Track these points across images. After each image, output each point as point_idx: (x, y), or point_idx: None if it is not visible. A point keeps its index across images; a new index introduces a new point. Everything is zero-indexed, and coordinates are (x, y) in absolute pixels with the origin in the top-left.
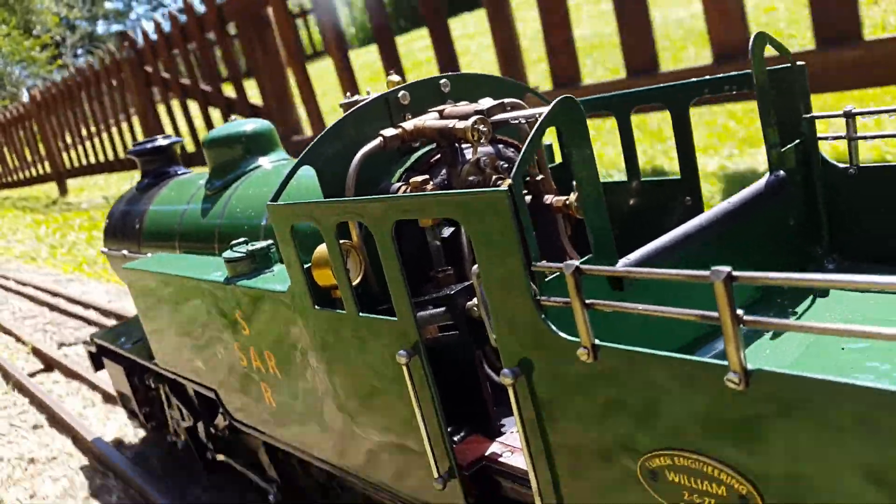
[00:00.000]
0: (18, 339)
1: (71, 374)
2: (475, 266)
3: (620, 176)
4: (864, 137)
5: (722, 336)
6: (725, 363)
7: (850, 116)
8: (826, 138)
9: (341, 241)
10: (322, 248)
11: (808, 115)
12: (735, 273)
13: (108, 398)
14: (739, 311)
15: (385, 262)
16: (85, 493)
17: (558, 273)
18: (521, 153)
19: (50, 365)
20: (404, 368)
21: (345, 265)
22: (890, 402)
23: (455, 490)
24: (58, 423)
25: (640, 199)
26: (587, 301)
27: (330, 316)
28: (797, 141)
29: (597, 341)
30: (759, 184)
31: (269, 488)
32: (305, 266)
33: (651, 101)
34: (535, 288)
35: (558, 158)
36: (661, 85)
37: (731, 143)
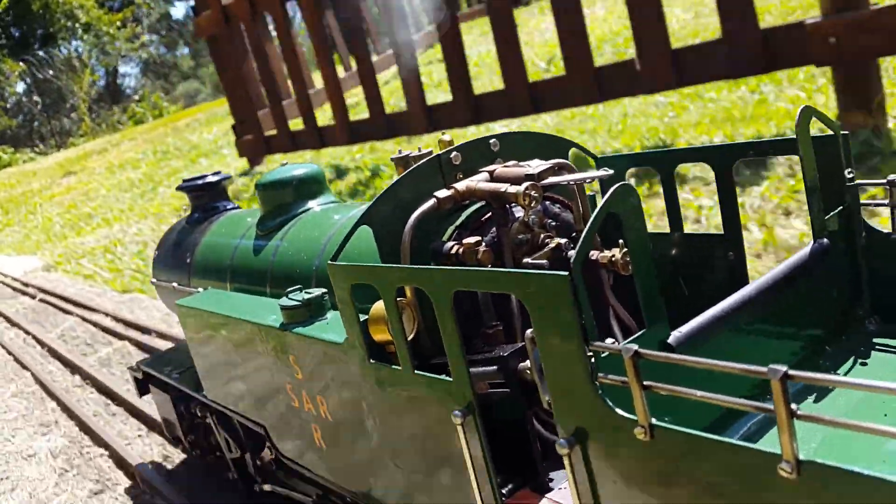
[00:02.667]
0: None
1: None
2: (529, 331)
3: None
4: None
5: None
6: (779, 452)
7: (893, 185)
8: (869, 205)
9: (397, 299)
10: (379, 305)
11: (852, 183)
12: (791, 372)
13: None
14: (794, 406)
15: (443, 328)
16: None
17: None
18: (582, 240)
19: None
20: (459, 428)
21: (401, 324)
22: None
23: None
24: None
25: (683, 252)
26: (645, 383)
27: (384, 370)
28: (840, 207)
29: (654, 421)
30: (804, 251)
31: (305, 500)
32: (362, 320)
33: (695, 159)
34: (592, 363)
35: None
36: (706, 145)
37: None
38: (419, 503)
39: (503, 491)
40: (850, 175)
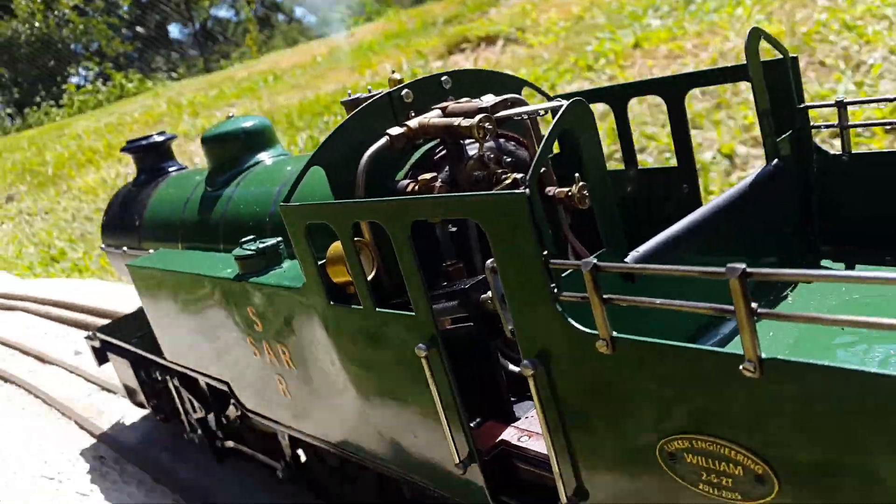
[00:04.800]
0: None
1: None
2: (489, 261)
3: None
4: (856, 126)
5: (723, 322)
6: (740, 353)
7: (842, 106)
8: (819, 127)
9: (355, 239)
10: (336, 246)
11: (802, 106)
12: (750, 270)
13: None
14: (754, 305)
15: (402, 261)
16: None
17: (573, 269)
18: (536, 157)
19: None
20: (423, 361)
21: (360, 262)
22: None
23: (475, 474)
24: None
25: (639, 187)
26: (604, 296)
27: (346, 311)
28: (791, 131)
29: (615, 333)
30: (756, 174)
31: (276, 465)
32: (320, 263)
33: (647, 91)
34: (553, 281)
35: (554, 148)
36: (657, 77)
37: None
38: (389, 441)
39: (471, 425)
40: (800, 98)
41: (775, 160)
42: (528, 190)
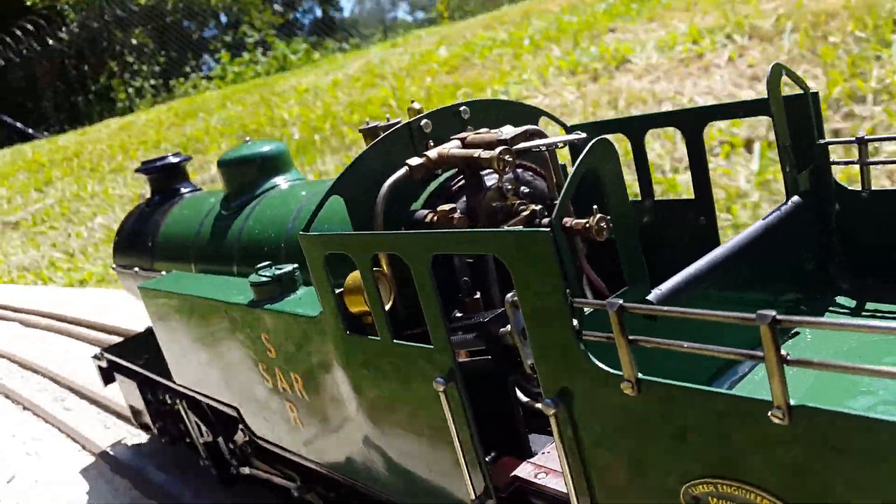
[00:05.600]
0: None
1: None
2: (510, 294)
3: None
4: (876, 163)
5: (742, 362)
6: (769, 399)
7: (862, 142)
8: (839, 163)
9: (373, 269)
10: (354, 276)
11: (822, 141)
12: (780, 317)
13: None
14: (784, 352)
15: (422, 294)
16: None
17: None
18: (561, 197)
19: None
20: (441, 395)
21: (379, 293)
22: None
23: None
24: None
25: (655, 218)
26: (630, 338)
27: (363, 342)
28: (811, 166)
29: (640, 375)
30: (778, 210)
31: (289, 485)
32: (337, 291)
33: (665, 124)
34: (576, 320)
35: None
36: (676, 109)
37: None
38: (402, 474)
39: (485, 459)
40: (820, 133)
41: (795, 196)
42: (552, 230)
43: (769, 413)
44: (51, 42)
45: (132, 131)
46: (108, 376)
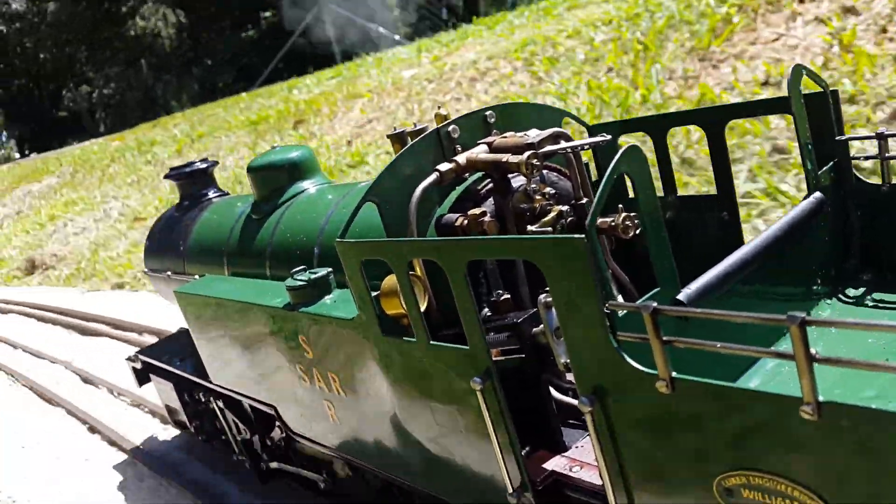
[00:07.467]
0: None
1: None
2: (543, 295)
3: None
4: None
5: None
6: (799, 395)
7: (882, 138)
8: (859, 158)
9: (409, 273)
10: (390, 280)
11: (842, 138)
12: (808, 318)
13: None
14: (813, 351)
15: (458, 298)
16: None
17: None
18: (595, 204)
19: None
20: (479, 394)
21: (415, 297)
22: None
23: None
24: None
25: (678, 214)
26: (664, 338)
27: (399, 343)
28: (832, 162)
29: (674, 374)
30: (800, 207)
31: (317, 477)
32: (374, 294)
33: (688, 122)
34: (611, 321)
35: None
36: (698, 108)
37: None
38: (439, 468)
39: (521, 453)
40: (840, 130)
41: (817, 192)
42: (587, 236)
43: (799, 409)
44: None
45: None
46: (141, 377)
